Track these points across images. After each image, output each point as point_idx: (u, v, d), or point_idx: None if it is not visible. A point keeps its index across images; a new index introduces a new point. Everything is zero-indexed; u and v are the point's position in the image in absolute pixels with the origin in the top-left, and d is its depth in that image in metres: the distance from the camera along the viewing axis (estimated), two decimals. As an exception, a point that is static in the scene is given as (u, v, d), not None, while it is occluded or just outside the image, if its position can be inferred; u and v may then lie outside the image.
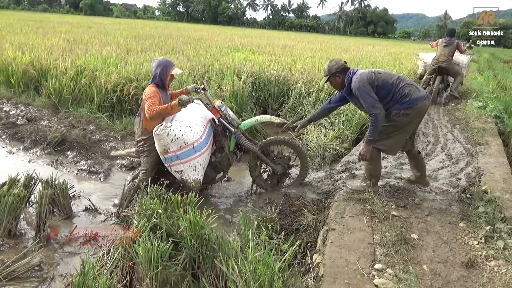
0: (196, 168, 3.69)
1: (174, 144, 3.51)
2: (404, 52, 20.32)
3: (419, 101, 3.40)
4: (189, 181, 3.68)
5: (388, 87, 3.44)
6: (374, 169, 3.72)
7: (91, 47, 10.47)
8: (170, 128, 3.48)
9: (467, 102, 8.29)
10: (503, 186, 3.93)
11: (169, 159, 3.61)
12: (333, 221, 3.19)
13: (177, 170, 3.66)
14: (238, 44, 17.75)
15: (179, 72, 3.97)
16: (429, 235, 3.08)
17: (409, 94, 3.39)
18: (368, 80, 3.42)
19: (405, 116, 3.43)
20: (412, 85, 3.46)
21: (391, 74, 3.53)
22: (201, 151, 3.69)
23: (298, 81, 7.91)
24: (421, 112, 3.49)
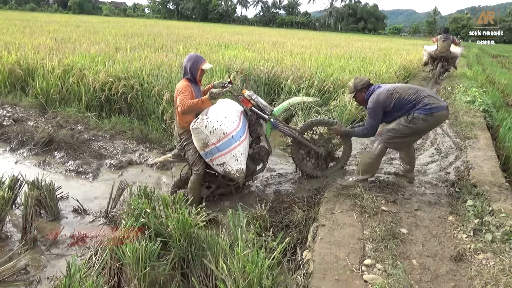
0: (238, 158, 3.64)
1: (213, 136, 3.48)
2: (394, 48, 20.42)
3: (440, 110, 3.50)
4: (233, 172, 3.64)
5: (405, 101, 3.58)
6: (373, 165, 3.77)
7: (79, 46, 10.33)
8: (207, 120, 3.47)
9: (455, 97, 8.34)
10: (491, 179, 3.95)
11: (209, 153, 3.57)
12: (323, 217, 3.18)
13: (219, 163, 3.62)
14: (228, 41, 17.68)
15: (209, 67, 3.97)
16: (418, 229, 3.09)
17: (429, 103, 3.52)
18: (383, 102, 3.62)
19: (424, 122, 3.53)
20: (432, 96, 3.58)
21: (409, 89, 3.64)
22: (240, 139, 3.65)
23: (289, 77, 7.89)
24: (439, 121, 3.61)
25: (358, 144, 5.43)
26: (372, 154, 3.72)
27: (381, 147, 3.70)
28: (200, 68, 3.88)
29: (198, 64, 3.87)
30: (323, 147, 4.23)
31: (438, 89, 10.37)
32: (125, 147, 5.40)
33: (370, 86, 3.81)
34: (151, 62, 7.59)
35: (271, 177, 4.57)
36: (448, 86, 10.04)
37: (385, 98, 3.61)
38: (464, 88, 8.94)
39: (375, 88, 3.75)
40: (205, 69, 3.97)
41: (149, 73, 6.75)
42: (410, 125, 3.56)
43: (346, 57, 12.25)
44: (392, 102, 3.60)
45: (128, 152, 5.29)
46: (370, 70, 9.17)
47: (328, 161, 4.36)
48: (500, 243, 2.81)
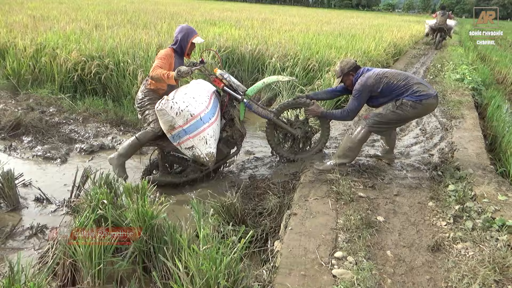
0: (207, 141, 3.45)
1: (180, 118, 3.28)
2: (386, 24, 20.00)
3: (429, 97, 3.35)
4: (202, 156, 3.46)
5: (393, 87, 3.42)
6: (354, 150, 3.60)
7: (57, 24, 9.88)
8: (172, 101, 3.27)
9: (444, 75, 8.13)
10: (476, 161, 3.79)
11: (177, 136, 3.37)
12: (296, 205, 3.00)
13: (187, 146, 3.43)
14: (216, 18, 17.14)
15: (201, 41, 3.80)
16: (396, 216, 2.92)
17: (419, 90, 3.36)
18: (371, 86, 3.43)
19: (412, 109, 3.37)
20: (421, 83, 3.42)
21: (399, 75, 3.47)
22: (209, 121, 3.45)
23: (273, 55, 7.60)
24: (428, 109, 3.46)
25: (341, 125, 5.22)
26: (355, 138, 3.52)
27: (364, 131, 3.50)
28: (191, 41, 3.71)
29: (189, 37, 3.69)
30: (300, 129, 4.02)
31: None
32: (97, 130, 5.15)
33: (358, 68, 3.60)
34: (128, 40, 7.24)
35: (247, 161, 4.38)
36: (437, 63, 9.81)
37: (373, 82, 3.42)
38: (454, 66, 8.71)
39: (364, 70, 3.55)
40: (196, 43, 3.80)
41: (126, 52, 6.42)
42: (398, 111, 3.38)
43: (336, 34, 11.91)
44: (381, 87, 3.41)
45: (100, 135, 5.05)
46: (358, 47, 8.88)
47: (306, 144, 4.16)
48: (480, 231, 2.65)
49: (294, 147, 4.14)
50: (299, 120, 4.09)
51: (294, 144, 4.14)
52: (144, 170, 3.95)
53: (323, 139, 4.06)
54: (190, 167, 3.88)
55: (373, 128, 3.48)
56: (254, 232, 2.98)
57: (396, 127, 3.74)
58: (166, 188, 3.84)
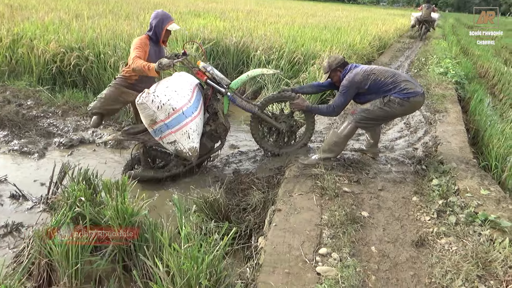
0: (190, 135, 3.36)
1: (161, 112, 3.18)
2: (371, 18, 20.05)
3: (416, 95, 3.32)
4: (185, 151, 3.37)
5: (380, 84, 3.39)
6: (340, 145, 3.57)
7: (36, 13, 9.56)
8: (153, 94, 3.16)
9: (428, 69, 8.18)
10: (459, 155, 3.80)
11: (158, 131, 3.27)
12: (280, 201, 2.96)
13: (169, 141, 3.33)
14: (201, 9, 16.89)
15: (176, 28, 3.71)
16: (380, 211, 2.91)
17: (406, 88, 3.32)
18: (359, 83, 3.40)
19: (400, 106, 3.34)
20: (409, 81, 3.39)
21: (386, 72, 3.44)
22: (192, 115, 3.35)
23: (258, 48, 7.51)
24: (415, 106, 3.46)
25: (326, 119, 5.19)
26: (341, 133, 3.49)
27: (351, 127, 3.48)
28: (166, 28, 3.64)
29: (164, 23, 3.61)
30: (285, 123, 3.97)
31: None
32: (77, 124, 5.00)
33: (346, 64, 3.57)
34: (109, 31, 7.05)
35: (231, 155, 4.31)
36: (421, 57, 9.87)
37: (361, 79, 3.39)
38: (438, 60, 8.77)
39: (352, 67, 3.52)
40: (171, 30, 3.72)
41: (107, 43, 6.25)
42: (385, 108, 3.36)
43: (321, 27, 11.86)
44: (368, 83, 3.38)
45: (80, 129, 4.91)
46: (343, 40, 8.85)
47: (291, 138, 4.11)
48: (463, 226, 2.66)
49: (279, 141, 4.09)
50: (284, 114, 4.04)
51: (279, 138, 4.09)
52: (126, 165, 3.85)
53: (308, 133, 4.02)
54: (172, 162, 3.80)
55: (359, 123, 3.46)
56: (237, 229, 2.95)
57: (382, 123, 3.71)
58: (148, 183, 3.76)
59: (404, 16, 26.50)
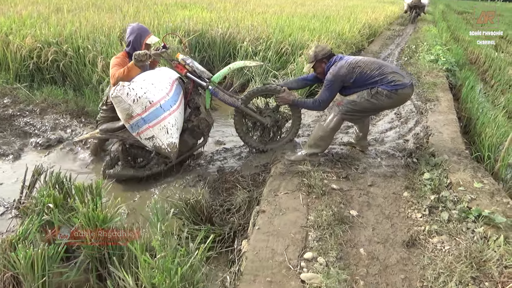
0: (168, 130, 3.19)
1: (138, 105, 3.01)
2: (361, 6, 19.78)
3: (404, 87, 3.18)
4: (163, 147, 3.21)
5: (366, 77, 3.23)
6: (326, 139, 3.40)
7: (14, 7, 9.23)
8: (129, 87, 2.99)
9: (419, 56, 8.03)
10: (451, 146, 3.67)
11: (135, 125, 3.10)
12: (264, 201, 2.81)
13: (147, 136, 3.16)
14: (188, 1, 16.55)
15: (155, 40, 3.54)
16: (370, 209, 2.77)
17: (394, 80, 3.17)
18: (343, 76, 3.25)
19: (387, 98, 3.19)
20: (396, 73, 3.24)
21: (372, 64, 3.28)
22: (170, 109, 3.19)
23: (245, 39, 7.30)
24: (403, 99, 3.32)
25: (314, 111, 5.02)
26: (326, 126, 3.32)
27: (337, 119, 3.31)
28: (144, 42, 3.49)
29: (142, 38, 3.48)
30: (270, 118, 3.80)
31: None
32: (55, 122, 4.79)
33: (332, 56, 3.39)
34: (89, 24, 6.79)
35: (216, 152, 4.14)
36: (412, 44, 9.72)
37: (346, 72, 3.22)
38: (428, 47, 8.62)
39: (337, 59, 3.34)
40: (150, 44, 3.55)
41: (86, 37, 6.00)
42: (373, 100, 3.20)
43: (310, 16, 11.63)
44: (354, 77, 3.23)
45: (58, 128, 4.70)
46: (332, 29, 8.65)
47: (276, 133, 3.95)
48: (456, 223, 2.53)
49: (264, 137, 3.93)
50: (269, 108, 3.87)
51: (264, 133, 3.93)
52: (105, 164, 3.68)
53: (294, 128, 3.86)
54: (153, 160, 3.64)
55: (346, 115, 3.30)
56: (220, 231, 2.80)
57: (369, 116, 3.57)
58: (128, 184, 3.60)
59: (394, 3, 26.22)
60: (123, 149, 3.59)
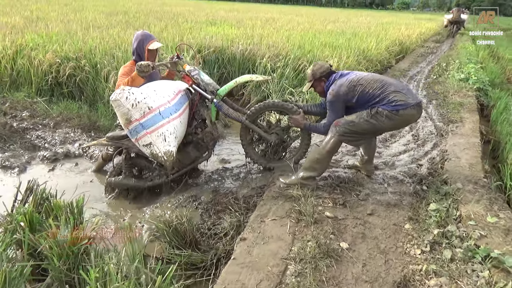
0: (166, 138, 3.08)
1: (136, 110, 2.93)
2: (395, 22, 19.38)
3: (406, 107, 2.91)
4: (160, 155, 3.07)
5: (368, 96, 3.00)
6: (322, 162, 3.16)
7: (49, 25, 9.67)
8: (128, 91, 2.91)
9: (448, 75, 7.60)
10: (468, 173, 3.33)
11: (134, 131, 3.02)
12: (248, 228, 2.61)
13: (145, 143, 3.06)
14: (219, 18, 16.83)
15: (158, 46, 3.49)
16: (364, 242, 2.51)
17: (395, 100, 2.92)
18: (344, 95, 3.05)
19: (388, 120, 2.94)
20: (399, 92, 2.96)
21: (375, 82, 3.01)
22: (169, 117, 3.09)
23: (264, 55, 7.20)
24: (408, 120, 3.06)
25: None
26: (323, 149, 3.10)
27: (334, 141, 3.06)
28: (147, 48, 3.42)
29: (145, 43, 3.42)
30: (276, 135, 3.61)
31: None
32: (65, 136, 4.83)
33: (331, 74, 3.20)
34: (111, 40, 6.94)
35: (215, 171, 3.98)
36: (443, 62, 9.26)
37: (346, 91, 3.01)
38: (459, 65, 8.16)
39: (336, 77, 3.14)
40: (154, 50, 3.49)
41: (105, 53, 6.12)
42: (372, 120, 2.96)
43: (337, 32, 11.43)
44: (355, 96, 3.01)
45: (67, 142, 4.73)
46: (357, 45, 8.40)
47: (280, 152, 3.75)
48: (460, 263, 2.22)
49: (268, 153, 3.73)
50: (279, 126, 3.68)
51: (268, 149, 3.74)
52: (110, 173, 3.62)
53: (302, 150, 3.63)
54: (155, 170, 3.52)
55: (343, 137, 3.06)
56: (202, 258, 2.63)
57: (370, 138, 3.28)
58: (122, 202, 3.51)
59: (432, 20, 25.57)
60: (126, 158, 3.51)
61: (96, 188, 3.78)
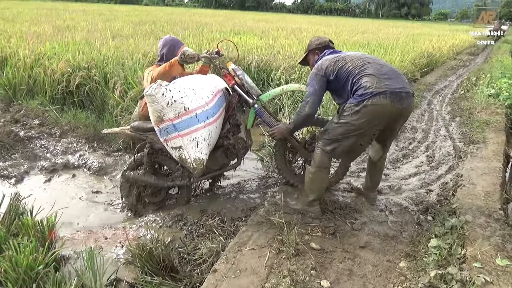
0: (198, 144, 2.84)
1: (171, 109, 2.72)
2: (427, 34, 18.73)
3: (374, 96, 2.46)
4: (189, 161, 2.85)
5: (345, 74, 2.63)
6: (316, 182, 2.84)
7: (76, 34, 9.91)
8: (166, 87, 2.71)
9: (477, 90, 7.10)
10: (482, 204, 2.96)
11: (164, 131, 2.80)
12: (223, 257, 2.39)
13: (175, 146, 2.84)
14: (245, 28, 16.82)
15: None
16: (350, 280, 2.22)
17: (364, 87, 2.50)
18: (325, 69, 2.70)
19: (357, 115, 2.52)
20: (373, 76, 2.51)
21: (359, 59, 2.65)
22: (206, 121, 2.86)
23: (280, 67, 7.00)
24: (379, 113, 2.51)
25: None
26: (311, 167, 2.82)
27: (319, 157, 2.75)
28: (179, 54, 3.24)
29: (176, 49, 3.26)
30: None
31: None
32: (68, 146, 4.79)
33: (327, 48, 2.91)
34: (126, 50, 6.95)
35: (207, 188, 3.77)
36: (473, 76, 8.71)
37: (328, 64, 2.68)
38: (490, 79, 7.62)
39: (328, 52, 2.86)
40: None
41: (118, 62, 6.11)
42: (342, 121, 2.60)
43: (363, 43, 11.07)
44: (335, 72, 2.65)
45: (68, 152, 4.69)
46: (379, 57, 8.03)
47: None
48: (456, 315, 1.90)
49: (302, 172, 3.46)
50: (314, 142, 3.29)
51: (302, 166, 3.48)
52: (127, 167, 3.42)
53: (340, 171, 3.31)
54: (178, 171, 3.27)
55: (326, 149, 2.71)
56: (175, 286, 2.42)
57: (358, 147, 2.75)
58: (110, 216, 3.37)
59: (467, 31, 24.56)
60: (149, 152, 3.28)
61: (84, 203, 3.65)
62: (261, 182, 3.70)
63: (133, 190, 3.39)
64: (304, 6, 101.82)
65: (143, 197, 3.44)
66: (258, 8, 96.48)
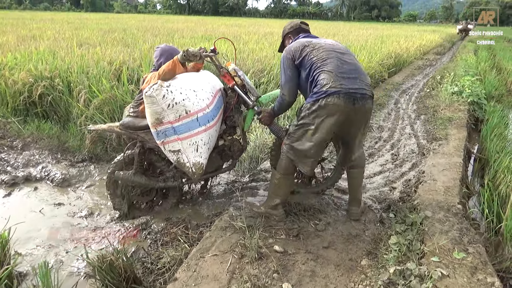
0: (198, 148, 2.74)
1: (171, 112, 2.59)
2: (396, 35, 19.17)
3: (327, 96, 2.40)
4: (188, 165, 2.74)
5: (308, 63, 2.56)
6: (280, 187, 2.81)
7: (40, 43, 9.65)
8: (167, 88, 2.57)
9: (442, 88, 7.30)
10: (442, 199, 3.02)
11: (162, 133, 2.67)
12: (184, 265, 2.35)
13: (172, 149, 2.72)
14: (218, 34, 16.79)
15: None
16: (312, 282, 2.22)
17: (321, 84, 2.43)
18: (293, 53, 2.63)
19: (313, 116, 2.48)
20: (331, 73, 2.43)
21: (324, 51, 2.54)
22: (207, 125, 2.75)
23: (249, 70, 7.01)
24: (333, 115, 2.44)
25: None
26: (277, 172, 2.81)
27: (283, 161, 2.74)
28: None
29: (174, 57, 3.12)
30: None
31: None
32: (29, 159, 4.64)
33: (300, 32, 2.85)
34: (91, 58, 6.81)
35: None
36: (439, 75, 8.96)
37: (296, 46, 2.62)
38: (453, 77, 7.85)
39: (301, 36, 2.80)
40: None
41: (82, 71, 5.96)
42: (300, 122, 2.58)
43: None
44: (300, 58, 2.59)
45: (30, 165, 4.53)
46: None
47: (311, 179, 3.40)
48: (414, 310, 1.92)
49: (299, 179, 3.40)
50: None
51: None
52: (115, 164, 3.26)
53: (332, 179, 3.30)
54: (171, 172, 3.17)
55: (289, 153, 2.67)
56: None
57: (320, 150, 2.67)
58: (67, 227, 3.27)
59: (436, 32, 25.37)
60: (140, 152, 3.14)
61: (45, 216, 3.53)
62: (227, 187, 3.67)
63: (119, 190, 3.28)
64: (277, 10, 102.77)
65: (132, 197, 3.33)
66: (232, 13, 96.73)
